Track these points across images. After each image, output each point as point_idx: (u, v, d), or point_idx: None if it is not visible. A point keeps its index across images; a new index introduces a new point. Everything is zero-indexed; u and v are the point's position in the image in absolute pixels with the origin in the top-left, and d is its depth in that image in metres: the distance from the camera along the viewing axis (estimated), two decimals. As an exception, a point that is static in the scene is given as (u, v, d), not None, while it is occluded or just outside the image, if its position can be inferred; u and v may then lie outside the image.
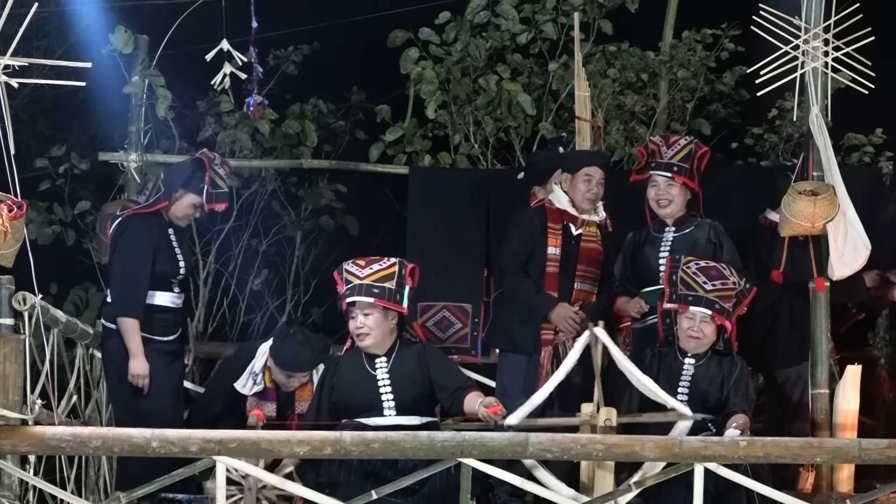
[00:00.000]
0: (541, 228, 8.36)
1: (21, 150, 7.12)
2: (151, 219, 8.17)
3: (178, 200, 8.17)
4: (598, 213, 8.46)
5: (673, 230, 8.45)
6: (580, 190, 8.39)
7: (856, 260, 8.11)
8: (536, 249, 8.33)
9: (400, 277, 7.68)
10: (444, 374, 7.66)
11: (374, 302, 7.60)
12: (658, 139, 8.65)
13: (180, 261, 8.20)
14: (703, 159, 8.53)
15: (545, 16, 10.09)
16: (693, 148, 8.52)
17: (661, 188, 8.45)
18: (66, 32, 10.36)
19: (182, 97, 9.99)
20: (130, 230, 8.13)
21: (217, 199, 8.21)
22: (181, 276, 8.21)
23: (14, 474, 6.94)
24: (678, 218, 8.45)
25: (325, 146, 10.40)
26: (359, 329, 7.64)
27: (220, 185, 8.22)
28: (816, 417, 8.09)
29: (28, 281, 7.07)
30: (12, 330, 6.96)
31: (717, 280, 7.89)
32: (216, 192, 8.19)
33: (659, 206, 8.46)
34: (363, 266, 7.72)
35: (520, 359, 8.28)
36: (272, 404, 8.21)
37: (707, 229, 8.41)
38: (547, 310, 8.23)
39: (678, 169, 8.43)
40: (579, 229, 8.40)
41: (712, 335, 7.86)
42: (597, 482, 7.24)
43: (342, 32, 10.57)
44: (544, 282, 8.30)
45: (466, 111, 10.07)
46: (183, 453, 6.91)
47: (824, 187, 8.08)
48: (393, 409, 7.60)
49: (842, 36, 8.02)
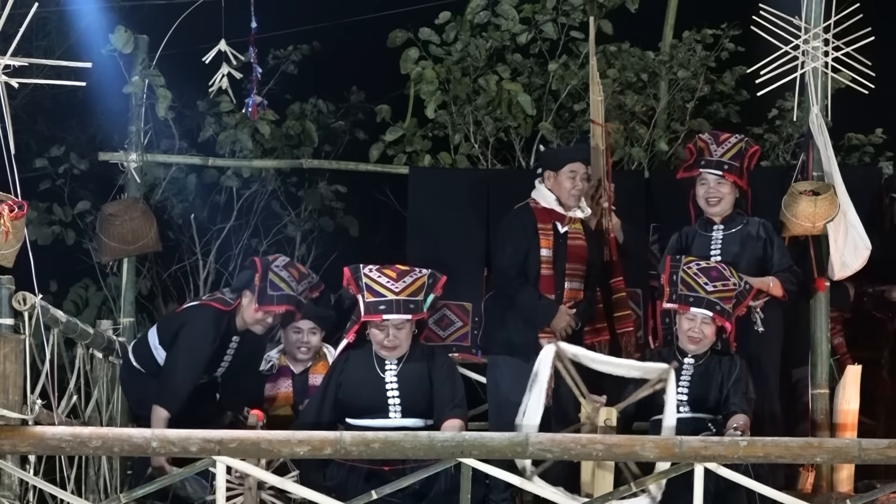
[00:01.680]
0: (532, 230, 8.33)
1: (21, 150, 7.11)
2: (222, 316, 8.09)
3: (245, 306, 8.09)
4: (584, 210, 8.44)
5: (722, 228, 8.40)
6: (565, 187, 8.35)
7: (856, 260, 8.12)
8: (531, 251, 8.30)
9: (429, 288, 7.67)
10: (441, 385, 7.64)
11: (412, 318, 7.62)
12: (707, 137, 8.59)
13: (222, 366, 8.15)
14: (753, 158, 8.49)
15: (545, 16, 10.09)
16: (744, 146, 8.47)
17: (712, 186, 8.40)
18: (66, 32, 10.36)
19: (182, 97, 9.99)
20: (195, 320, 8.08)
21: (277, 302, 8.01)
22: (214, 376, 8.19)
23: (14, 474, 6.94)
24: (726, 216, 8.42)
25: (325, 146, 10.40)
26: (391, 342, 7.62)
27: (281, 287, 8.05)
28: (816, 417, 8.10)
29: (28, 281, 7.06)
30: (12, 330, 6.95)
31: (718, 281, 7.88)
32: (276, 293, 8.02)
33: (709, 205, 8.40)
34: (395, 279, 7.65)
35: (516, 362, 8.22)
36: (288, 380, 8.36)
37: (757, 226, 8.36)
38: (550, 317, 8.21)
39: (729, 167, 8.37)
40: (565, 227, 8.38)
41: (712, 336, 7.86)
42: (597, 482, 7.23)
43: (342, 32, 10.58)
44: (540, 284, 8.28)
45: (466, 111, 10.07)
46: (183, 453, 6.90)
47: (824, 187, 8.08)
48: (398, 412, 7.59)
49: (842, 36, 8.03)
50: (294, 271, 8.19)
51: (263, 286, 8.01)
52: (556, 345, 7.39)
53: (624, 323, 8.66)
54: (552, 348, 7.36)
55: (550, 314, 8.22)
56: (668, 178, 9.15)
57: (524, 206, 8.43)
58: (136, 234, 9.41)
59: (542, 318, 8.23)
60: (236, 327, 8.14)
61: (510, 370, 8.25)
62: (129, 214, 9.41)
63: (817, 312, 8.14)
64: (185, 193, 10.12)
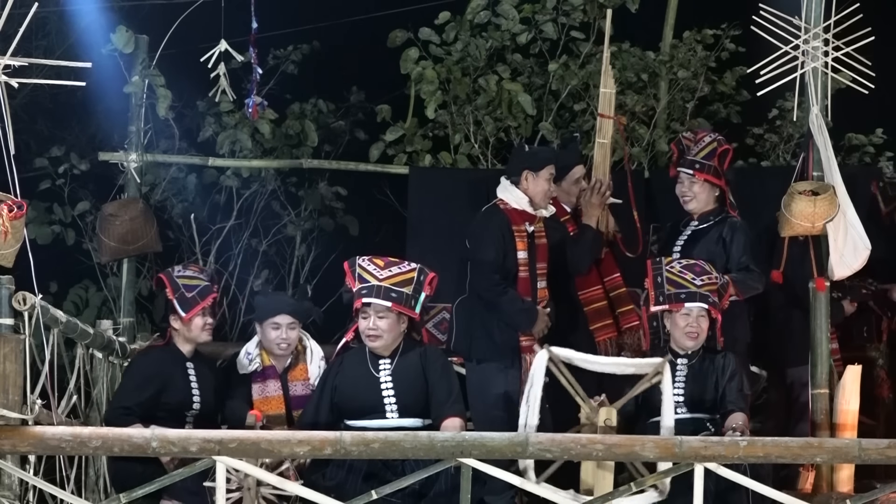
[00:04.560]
0: (508, 232, 8.23)
1: (21, 150, 7.11)
2: (164, 351, 8.03)
3: (180, 328, 8.02)
4: (547, 209, 8.40)
5: (694, 225, 8.53)
6: (542, 188, 8.32)
7: (856, 260, 8.11)
8: (508, 254, 8.21)
9: (418, 284, 7.66)
10: (436, 382, 7.63)
11: (391, 307, 7.59)
12: (689, 135, 8.73)
13: (195, 394, 8.00)
14: (725, 157, 8.55)
15: (545, 16, 10.09)
16: (716, 145, 8.55)
17: (685, 185, 8.54)
18: (66, 32, 10.35)
19: (182, 97, 9.98)
20: (133, 362, 8.08)
21: (201, 297, 7.97)
22: (195, 410, 7.98)
23: (14, 474, 6.93)
24: (704, 213, 8.50)
25: (325, 146, 10.40)
26: (371, 331, 7.62)
27: (193, 283, 8.00)
28: (816, 417, 8.09)
29: (28, 281, 7.06)
30: (12, 330, 6.95)
31: (704, 275, 7.97)
32: (194, 292, 7.98)
33: (684, 202, 8.53)
34: (382, 267, 7.69)
35: (496, 366, 8.17)
36: (276, 381, 8.19)
37: (726, 227, 8.43)
38: (532, 322, 8.16)
39: (700, 166, 8.48)
40: (532, 227, 8.35)
41: (707, 330, 7.88)
42: (597, 482, 7.23)
43: (342, 32, 10.57)
44: (518, 286, 8.21)
45: (466, 111, 10.07)
46: (183, 453, 6.90)
47: (824, 187, 8.08)
48: (395, 412, 7.59)
49: (842, 36, 8.02)
50: (193, 267, 8.26)
51: (180, 294, 7.97)
52: (548, 350, 7.39)
53: (628, 318, 8.66)
54: (545, 354, 7.37)
55: (533, 318, 8.17)
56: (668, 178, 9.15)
57: (493, 207, 8.33)
58: (136, 234, 9.41)
59: (526, 323, 8.17)
60: (184, 354, 8.06)
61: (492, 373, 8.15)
62: (129, 214, 9.41)
63: (817, 312, 8.13)
64: (184, 193, 10.12)
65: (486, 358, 8.21)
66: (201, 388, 8.01)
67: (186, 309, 7.95)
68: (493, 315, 8.18)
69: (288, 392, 8.18)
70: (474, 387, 8.24)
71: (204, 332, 8.05)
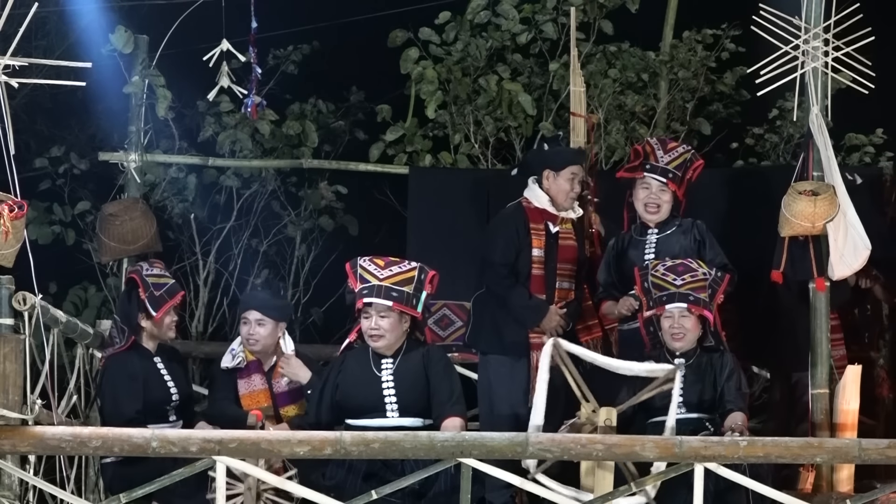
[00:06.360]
0: (525, 229, 8.32)
1: (21, 150, 7.12)
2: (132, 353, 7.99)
3: (150, 327, 8.02)
4: (576, 210, 8.45)
5: (656, 232, 8.51)
6: (564, 188, 8.37)
7: (856, 260, 8.11)
8: (522, 251, 8.29)
9: (419, 282, 7.66)
10: (438, 382, 7.63)
11: (393, 306, 7.60)
12: (655, 142, 8.69)
13: (171, 387, 8.02)
14: (696, 171, 8.62)
15: (545, 16, 10.09)
16: (689, 157, 8.61)
17: (653, 192, 8.52)
18: (66, 32, 10.35)
19: (182, 97, 9.98)
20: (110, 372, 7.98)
21: (170, 295, 8.01)
22: (175, 402, 8.01)
23: (14, 474, 6.94)
24: (661, 221, 8.52)
25: (325, 146, 10.40)
26: (373, 330, 7.62)
27: (161, 282, 8.03)
28: (816, 418, 8.09)
29: (28, 281, 7.06)
30: (12, 330, 6.96)
31: (686, 274, 7.98)
32: (163, 290, 8.01)
33: (647, 212, 8.52)
34: (382, 266, 7.68)
35: (507, 360, 8.25)
36: (261, 375, 8.19)
37: (691, 228, 8.48)
38: (540, 318, 8.21)
39: (672, 176, 8.50)
40: (557, 227, 8.38)
41: (695, 329, 7.89)
42: (597, 482, 7.23)
43: (342, 32, 10.57)
44: (530, 283, 8.27)
45: (466, 111, 10.07)
46: (183, 453, 6.90)
47: (824, 187, 8.08)
48: (395, 411, 7.59)
49: (842, 36, 8.02)
50: (157, 265, 8.24)
51: (150, 293, 7.98)
52: (555, 342, 7.41)
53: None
54: (551, 343, 7.39)
55: (540, 315, 8.22)
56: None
57: (516, 205, 8.44)
58: (136, 234, 9.41)
59: (532, 319, 8.23)
60: (151, 352, 8.06)
61: (501, 367, 8.26)
62: (129, 214, 9.42)
63: (817, 312, 8.13)
64: (184, 193, 10.12)
65: (495, 352, 8.30)
66: (175, 379, 8.06)
67: (156, 308, 7.98)
68: (504, 310, 8.25)
69: (272, 388, 8.20)
70: (484, 380, 8.37)
71: (171, 330, 8.11)
